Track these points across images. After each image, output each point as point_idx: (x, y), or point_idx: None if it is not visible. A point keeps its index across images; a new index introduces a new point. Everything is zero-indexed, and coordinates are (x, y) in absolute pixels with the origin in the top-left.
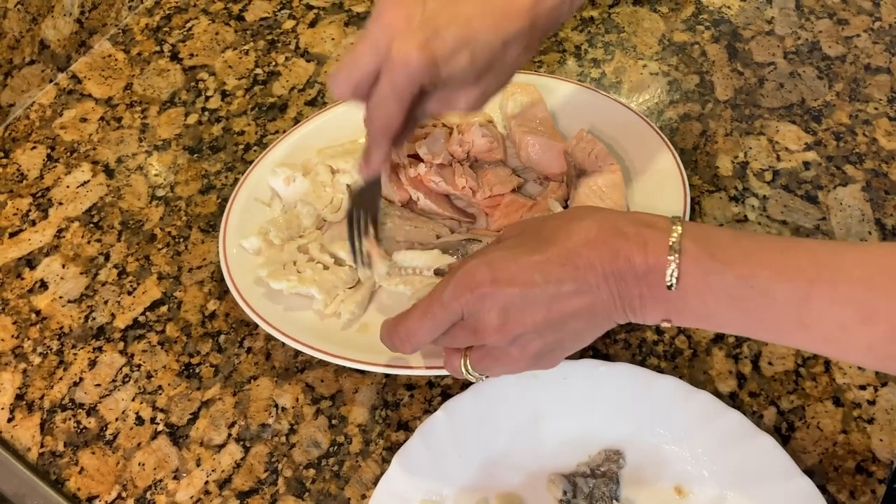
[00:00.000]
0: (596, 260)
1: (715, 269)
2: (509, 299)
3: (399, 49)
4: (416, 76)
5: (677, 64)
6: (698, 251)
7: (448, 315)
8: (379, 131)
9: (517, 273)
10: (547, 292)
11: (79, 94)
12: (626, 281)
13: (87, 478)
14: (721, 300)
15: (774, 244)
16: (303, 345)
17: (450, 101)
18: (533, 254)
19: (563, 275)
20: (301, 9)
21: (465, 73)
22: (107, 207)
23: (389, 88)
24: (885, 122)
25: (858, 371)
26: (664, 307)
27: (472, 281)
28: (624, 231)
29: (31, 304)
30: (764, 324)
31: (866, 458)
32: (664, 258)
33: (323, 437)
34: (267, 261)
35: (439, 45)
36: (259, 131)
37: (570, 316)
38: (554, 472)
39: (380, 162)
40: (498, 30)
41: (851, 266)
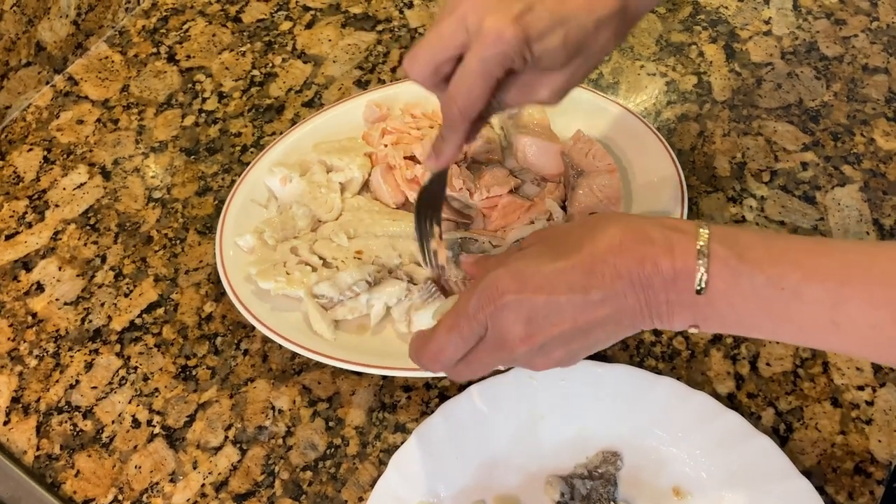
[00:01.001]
0: (622, 267)
1: (744, 272)
2: (534, 308)
3: (492, 23)
4: (509, 52)
5: (675, 64)
6: (727, 254)
7: (474, 328)
8: (460, 113)
9: (542, 282)
10: (573, 301)
11: (75, 96)
12: (654, 287)
13: (84, 481)
14: (751, 303)
15: (803, 245)
16: (299, 347)
17: (532, 88)
18: (557, 261)
19: (590, 283)
20: (298, 10)
21: (557, 53)
22: (103, 209)
23: (478, 64)
24: (883, 123)
25: (857, 372)
26: (692, 312)
27: (495, 291)
28: (650, 236)
29: (28, 307)
30: (794, 326)
31: (864, 459)
32: (692, 262)
33: (320, 439)
34: (259, 259)
35: (534, 21)
36: (256, 133)
37: (596, 325)
38: (551, 474)
39: (452, 153)
40: (592, 11)
41: (884, 266)
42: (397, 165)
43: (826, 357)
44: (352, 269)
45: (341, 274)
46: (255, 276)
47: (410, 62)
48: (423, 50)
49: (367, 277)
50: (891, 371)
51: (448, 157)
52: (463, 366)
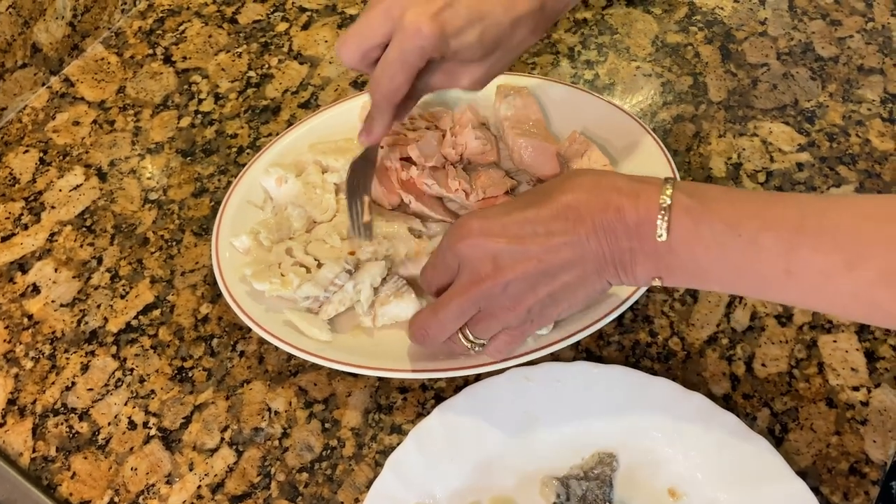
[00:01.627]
0: (586, 212)
1: (705, 220)
2: (500, 248)
3: (412, 17)
4: (426, 46)
5: (670, 65)
6: (689, 203)
7: (444, 261)
8: (383, 98)
9: (509, 224)
10: (536, 243)
11: (71, 98)
12: (617, 234)
13: (80, 483)
14: (711, 251)
15: (762, 197)
16: (296, 348)
17: (454, 76)
18: (526, 209)
19: (554, 227)
20: (294, 11)
21: (473, 48)
22: (99, 211)
23: (398, 55)
24: (879, 123)
25: (852, 372)
26: (654, 263)
27: (464, 230)
28: (616, 185)
29: (24, 309)
30: (751, 274)
31: (860, 460)
32: (655, 210)
33: (316, 440)
34: (254, 260)
35: (451, 18)
36: (252, 134)
37: (560, 268)
38: (547, 475)
39: (381, 131)
40: (509, 9)
41: (838, 215)
42: (392, 167)
43: (821, 358)
44: (330, 264)
45: (321, 271)
46: (250, 277)
47: (341, 48)
48: (352, 37)
49: (346, 266)
50: (886, 371)
51: (378, 134)
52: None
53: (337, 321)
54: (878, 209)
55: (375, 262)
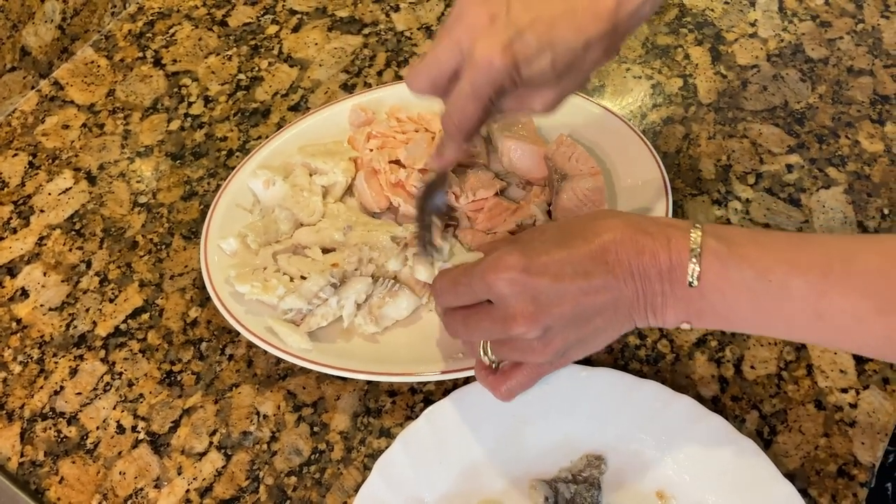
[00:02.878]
0: (623, 256)
1: (734, 265)
2: (541, 289)
3: (482, 50)
4: (498, 78)
5: (660, 67)
6: (718, 248)
7: (472, 289)
8: (456, 129)
9: (549, 264)
10: (577, 285)
11: (61, 101)
12: (650, 278)
13: (68, 487)
14: (741, 295)
15: (789, 240)
16: (284, 352)
17: (526, 100)
18: (564, 248)
19: (593, 269)
20: (284, 14)
21: (546, 75)
22: (89, 215)
23: (470, 88)
24: (868, 125)
25: (840, 374)
26: (685, 306)
27: (503, 263)
28: (649, 230)
29: (12, 313)
30: (781, 318)
31: (848, 462)
32: (686, 255)
33: (304, 444)
34: (240, 263)
35: (522, 48)
36: (242, 137)
37: (596, 311)
38: (536, 478)
39: (453, 157)
40: (580, 32)
41: (866, 258)
42: (382, 170)
43: (810, 360)
44: (315, 277)
45: (305, 284)
46: (234, 279)
47: (410, 79)
48: (422, 69)
49: (332, 280)
50: (874, 373)
51: (449, 159)
52: (461, 320)
53: (320, 331)
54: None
55: (360, 278)
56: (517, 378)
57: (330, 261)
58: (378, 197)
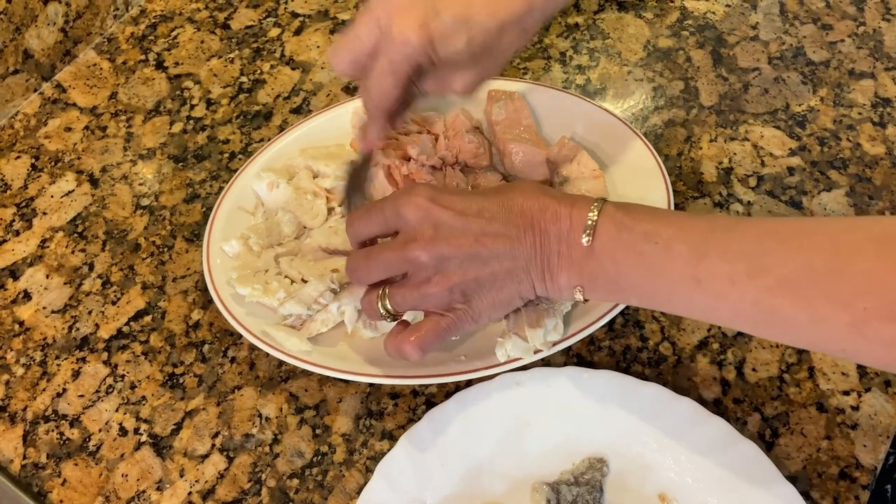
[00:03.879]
0: (527, 209)
1: (626, 228)
2: (443, 219)
3: (399, 27)
4: (414, 54)
5: (662, 70)
6: (615, 213)
7: (382, 212)
8: (375, 106)
9: (456, 201)
10: (478, 224)
11: (63, 104)
12: (549, 235)
13: (70, 489)
14: (629, 257)
15: (683, 214)
16: (286, 354)
17: (445, 81)
18: (476, 196)
19: (496, 215)
20: (286, 17)
21: (462, 54)
22: (91, 217)
23: (387, 65)
24: (869, 127)
25: (842, 377)
26: (578, 269)
27: (413, 190)
28: (558, 197)
29: (15, 315)
30: (664, 283)
31: (850, 464)
32: (585, 216)
33: (307, 446)
34: (242, 265)
35: (438, 26)
36: (244, 140)
37: (492, 254)
38: (537, 481)
39: (375, 137)
40: (496, 14)
41: (745, 229)
42: (393, 164)
43: (812, 362)
44: (314, 282)
45: (305, 289)
46: (235, 280)
47: (332, 56)
48: (343, 47)
49: (332, 286)
50: (876, 376)
51: (373, 140)
52: (364, 254)
53: (320, 336)
54: (781, 226)
55: None
56: (425, 327)
57: (330, 266)
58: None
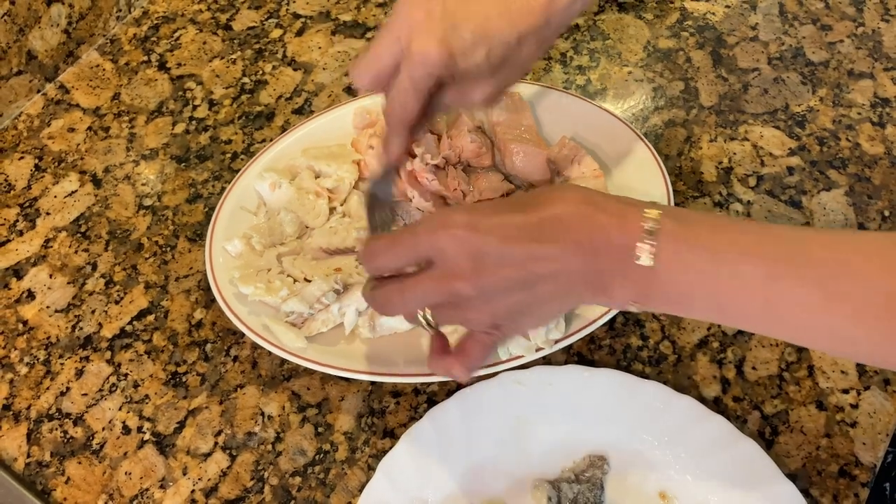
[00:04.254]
0: (574, 228)
1: (687, 246)
2: (484, 248)
3: (418, 44)
4: (434, 70)
5: (662, 70)
6: (674, 228)
7: (414, 247)
8: (397, 121)
9: (497, 225)
10: (523, 249)
11: (66, 104)
12: (600, 254)
13: (74, 487)
14: (692, 277)
15: (746, 226)
16: (289, 353)
17: (466, 94)
18: (515, 213)
19: (541, 237)
20: (288, 18)
21: (482, 67)
22: (94, 217)
23: (408, 81)
24: (868, 127)
25: (841, 375)
26: (633, 286)
27: (448, 220)
28: (604, 206)
29: (18, 314)
30: (731, 303)
31: (849, 462)
32: (640, 233)
33: (309, 444)
34: (244, 264)
35: (457, 41)
36: (246, 140)
37: (539, 278)
38: (539, 478)
39: (398, 151)
40: (514, 26)
41: (818, 249)
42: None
43: (811, 361)
44: (318, 281)
45: (308, 287)
46: (237, 280)
47: (353, 73)
48: (364, 64)
49: (335, 286)
50: (875, 374)
51: (395, 154)
52: (398, 287)
53: (322, 334)
54: (856, 245)
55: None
56: (472, 351)
57: (332, 265)
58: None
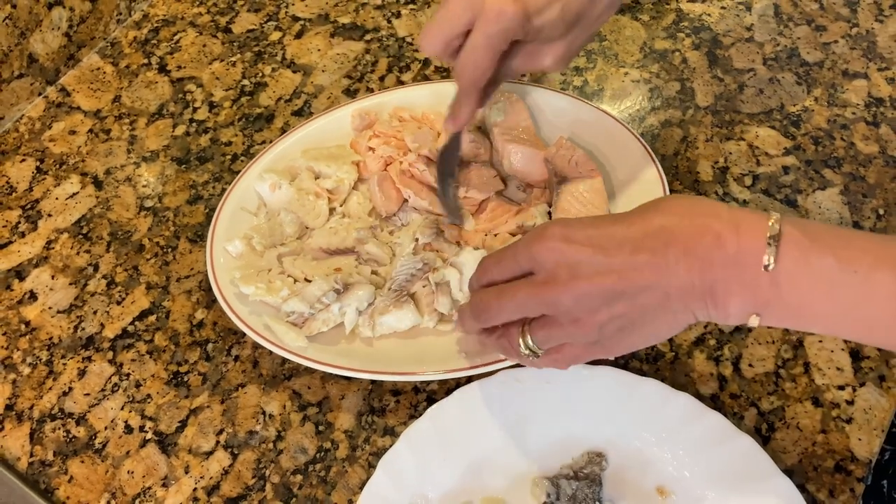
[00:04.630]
0: (679, 234)
1: (815, 253)
2: (581, 258)
3: (493, 1)
4: (510, 27)
5: (658, 71)
6: (797, 234)
7: (515, 260)
8: (469, 82)
9: (593, 236)
10: (621, 259)
11: (67, 107)
12: (711, 262)
13: (77, 486)
14: (819, 287)
15: (871, 235)
16: (289, 352)
17: (536, 56)
18: (615, 224)
19: (642, 246)
20: (287, 20)
21: (556, 24)
22: (95, 219)
23: (483, 39)
24: (863, 127)
25: (837, 372)
26: (752, 295)
27: (545, 232)
28: (716, 212)
29: (21, 315)
30: (861, 315)
31: (845, 458)
32: (761, 240)
33: (310, 443)
34: (245, 265)
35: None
36: (246, 142)
37: (640, 288)
38: (537, 475)
39: (467, 116)
40: None
41: None
42: (395, 156)
43: (807, 358)
44: (319, 281)
45: (309, 287)
46: (238, 280)
47: (424, 39)
48: (435, 28)
49: (336, 286)
50: (870, 371)
51: (463, 119)
52: (495, 293)
53: (322, 334)
54: None
55: (364, 285)
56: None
57: (332, 265)
58: (387, 201)
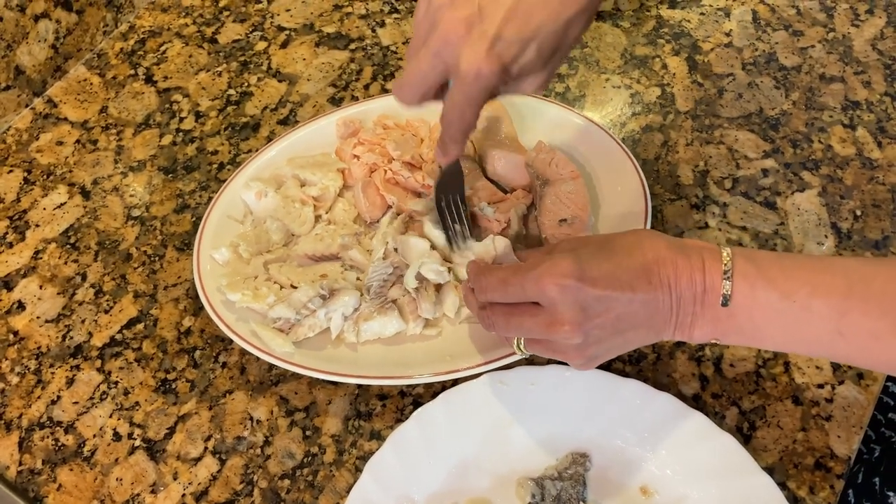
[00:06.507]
0: (664, 276)
1: (761, 287)
2: (590, 298)
3: (467, 63)
4: (489, 84)
5: (639, 77)
6: (747, 270)
7: (523, 290)
8: (455, 131)
9: (603, 275)
10: (624, 296)
11: (55, 118)
12: (685, 299)
13: (66, 494)
14: (767, 316)
15: (812, 263)
16: (276, 358)
17: (517, 86)
18: (612, 261)
19: (637, 284)
20: (273, 30)
21: (534, 63)
22: (83, 228)
23: (464, 98)
24: (840, 130)
25: (816, 370)
26: (712, 326)
27: (558, 269)
28: (686, 251)
29: (9, 325)
30: (804, 337)
31: (825, 455)
32: (719, 278)
33: (297, 448)
34: (231, 272)
35: (505, 49)
36: (232, 150)
37: (631, 325)
38: (522, 476)
39: (458, 151)
40: (559, 15)
41: (884, 281)
42: (380, 164)
43: (787, 357)
44: (304, 287)
45: (295, 293)
46: (225, 287)
47: (400, 95)
48: (408, 86)
49: (321, 292)
50: (849, 369)
51: (454, 154)
52: (503, 316)
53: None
54: None
55: (349, 291)
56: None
57: (318, 272)
58: (371, 207)
